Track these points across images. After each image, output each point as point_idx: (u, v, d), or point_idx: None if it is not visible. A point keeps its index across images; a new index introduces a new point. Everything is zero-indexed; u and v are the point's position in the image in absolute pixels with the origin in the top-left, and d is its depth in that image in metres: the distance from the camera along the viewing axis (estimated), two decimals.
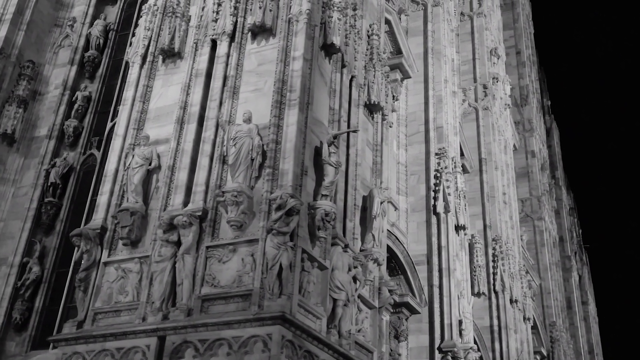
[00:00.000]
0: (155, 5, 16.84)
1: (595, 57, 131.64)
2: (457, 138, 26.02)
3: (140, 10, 18.57)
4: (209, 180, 13.72)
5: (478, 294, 28.31)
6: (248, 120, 13.71)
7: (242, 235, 12.82)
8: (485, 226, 29.90)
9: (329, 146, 14.14)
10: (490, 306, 28.17)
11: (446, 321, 21.14)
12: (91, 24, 21.86)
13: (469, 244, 29.42)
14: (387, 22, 23.86)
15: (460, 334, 21.59)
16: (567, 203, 55.76)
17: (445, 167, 23.45)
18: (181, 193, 13.86)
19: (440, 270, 21.94)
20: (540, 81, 62.05)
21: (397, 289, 20.75)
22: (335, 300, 13.71)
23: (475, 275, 28.53)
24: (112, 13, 22.41)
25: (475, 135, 32.38)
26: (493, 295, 28.30)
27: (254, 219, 12.92)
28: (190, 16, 16.27)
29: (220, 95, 14.65)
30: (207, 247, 12.96)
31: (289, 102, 13.85)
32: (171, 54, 15.87)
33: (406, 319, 21.10)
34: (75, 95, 20.70)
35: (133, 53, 16.58)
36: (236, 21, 15.33)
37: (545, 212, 43.08)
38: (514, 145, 43.64)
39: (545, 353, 37.14)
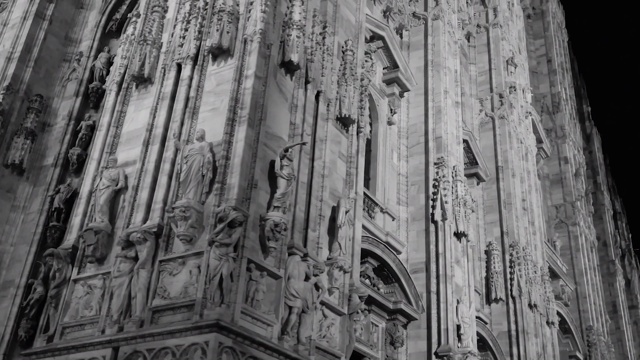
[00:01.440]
0: (132, 34, 17.31)
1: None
2: (460, 147, 25.69)
3: None
4: (167, 198, 13.97)
5: (496, 300, 27.93)
6: (201, 138, 13.94)
7: (191, 249, 13.02)
8: (502, 233, 29.38)
9: (281, 159, 14.23)
10: (507, 311, 27.62)
11: (443, 326, 20.82)
12: (96, 57, 22.52)
13: (486, 251, 29.11)
14: (381, 37, 23.93)
15: (460, 339, 21.18)
16: (609, 208, 54.01)
17: (444, 176, 23.16)
18: (142, 211, 14.16)
19: (437, 277, 21.64)
20: (579, 88, 60.63)
21: (390, 296, 20.68)
22: (290, 308, 13.73)
23: (492, 282, 28.15)
24: (116, 45, 23.03)
25: (492, 144, 31.89)
26: (510, 300, 27.75)
27: (203, 232, 13.11)
28: (162, 43, 16.67)
29: (181, 116, 14.95)
30: (160, 261, 13.21)
31: (239, 119, 14.04)
32: (142, 80, 16.28)
33: (402, 326, 20.93)
34: (80, 125, 21.32)
35: (110, 81, 17.12)
36: (200, 45, 15.64)
37: (580, 217, 41.84)
38: (546, 152, 42.78)
39: (581, 357, 36.04)
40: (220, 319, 11.74)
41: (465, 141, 29.38)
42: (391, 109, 24.34)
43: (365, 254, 19.66)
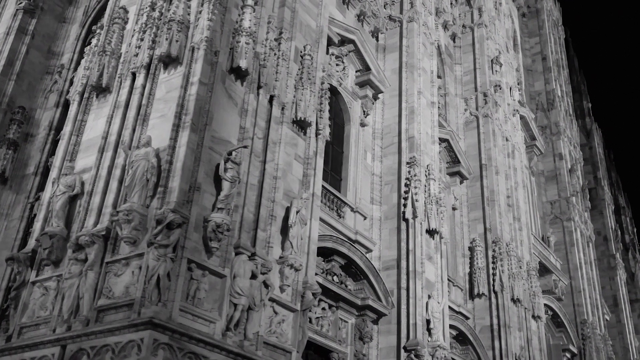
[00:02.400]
0: (96, 46, 17.69)
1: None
2: (435, 146, 25.74)
3: None
4: (117, 202, 14.30)
5: (479, 295, 28.01)
6: (147, 144, 14.27)
7: (135, 250, 13.36)
8: (485, 229, 29.41)
9: (225, 163, 14.50)
10: (490, 306, 27.65)
11: (412, 321, 20.92)
12: (76, 68, 22.99)
13: (470, 248, 29.17)
14: (351, 41, 24.10)
15: (430, 333, 21.29)
16: (610, 202, 53.56)
17: (415, 175, 23.26)
18: (94, 215, 14.54)
19: (408, 273, 21.76)
20: (579, 84, 60.30)
21: (359, 293, 20.85)
22: (235, 305, 13.99)
23: (475, 278, 28.21)
24: None
25: (477, 142, 31.90)
26: (493, 295, 27.76)
27: (147, 234, 13.41)
28: (121, 53, 17.03)
29: (133, 124, 15.31)
30: (107, 263, 13.58)
31: (183, 125, 14.33)
32: (101, 89, 16.68)
33: (372, 321, 21.08)
34: (59, 134, 21.80)
35: (73, 92, 17.52)
36: (152, 54, 15.96)
37: (575, 212, 41.58)
38: (539, 149, 42.65)
39: (575, 350, 35.87)
40: (155, 317, 12.04)
41: (446, 140, 29.51)
42: (364, 111, 24.50)
43: (331, 252, 19.90)
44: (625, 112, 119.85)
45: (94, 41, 18.04)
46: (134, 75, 16.12)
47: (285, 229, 16.19)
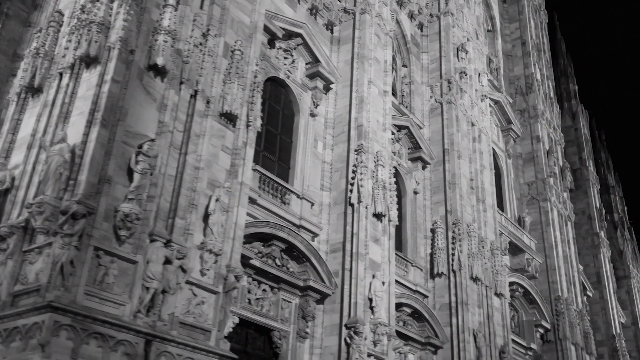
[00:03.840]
0: (34, 49, 18.24)
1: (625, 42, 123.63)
2: (387, 134, 26.02)
3: None
4: (36, 196, 14.87)
5: (439, 275, 28.40)
6: (62, 140, 14.85)
7: (47, 240, 13.91)
8: (446, 212, 29.73)
9: (136, 156, 15.01)
10: (449, 285, 28.02)
11: (353, 300, 21.35)
12: None
13: (432, 230, 29.48)
14: (299, 35, 24.46)
15: (373, 311, 21.73)
16: (595, 182, 53.27)
17: (362, 162, 23.61)
18: (18, 208, 15.19)
19: (352, 255, 22.16)
20: (566, 67, 59.96)
21: (302, 275, 21.33)
22: (147, 289, 14.54)
23: (435, 258, 28.59)
24: None
25: (441, 128, 32.13)
26: (452, 274, 28.10)
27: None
28: (55, 54, 17.57)
29: (56, 121, 15.85)
30: (24, 252, 14.22)
31: (95, 121, 14.86)
32: (35, 90, 17.27)
33: (316, 301, 21.56)
34: None
35: (12, 92, 18.09)
36: (75, 54, 16.47)
37: (552, 193, 41.58)
38: (516, 132, 42.75)
39: (548, 326, 36.11)
40: (55, 301, 12.65)
41: (406, 127, 29.83)
42: (314, 102, 24.87)
43: (270, 237, 20.40)
44: (616, 94, 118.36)
45: (32, 44, 18.59)
46: (61, 75, 16.67)
47: (207, 217, 16.67)
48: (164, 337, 14.51)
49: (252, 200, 20.25)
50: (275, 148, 23.28)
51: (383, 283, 22.52)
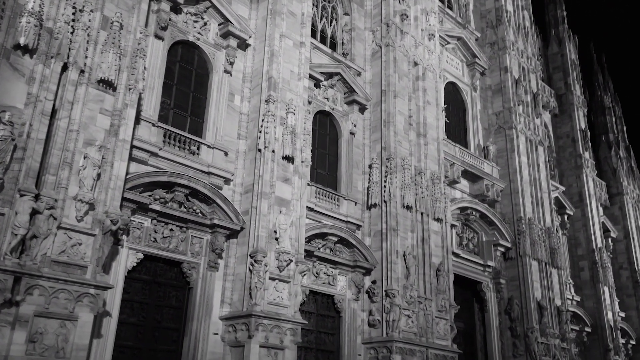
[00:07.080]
0: None
1: None
2: (301, 82, 26.91)
3: None
4: None
5: (374, 206, 29.47)
6: None
7: None
8: (382, 148, 30.60)
9: None
10: (381, 214, 29.09)
11: (257, 234, 22.88)
12: None
13: (370, 165, 30.49)
14: None
15: (278, 242, 23.22)
16: (581, 105, 52.36)
17: (269, 111, 24.76)
18: None
19: (258, 195, 23.59)
20: None
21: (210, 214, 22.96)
22: (16, 235, 16.50)
23: (370, 191, 29.67)
24: None
25: (380, 71, 32.74)
26: (384, 204, 29.15)
27: None
28: None
29: None
30: None
31: None
32: None
33: (226, 237, 23.29)
34: None
35: None
36: None
37: (519, 120, 41.56)
38: (482, 66, 42.67)
39: (508, 245, 36.79)
40: None
41: (338, 74, 30.67)
42: (227, 59, 26.06)
43: (172, 184, 22.05)
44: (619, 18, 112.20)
45: None
46: None
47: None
48: (33, 273, 16.53)
49: (153, 154, 21.94)
50: (187, 105, 24.73)
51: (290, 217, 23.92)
